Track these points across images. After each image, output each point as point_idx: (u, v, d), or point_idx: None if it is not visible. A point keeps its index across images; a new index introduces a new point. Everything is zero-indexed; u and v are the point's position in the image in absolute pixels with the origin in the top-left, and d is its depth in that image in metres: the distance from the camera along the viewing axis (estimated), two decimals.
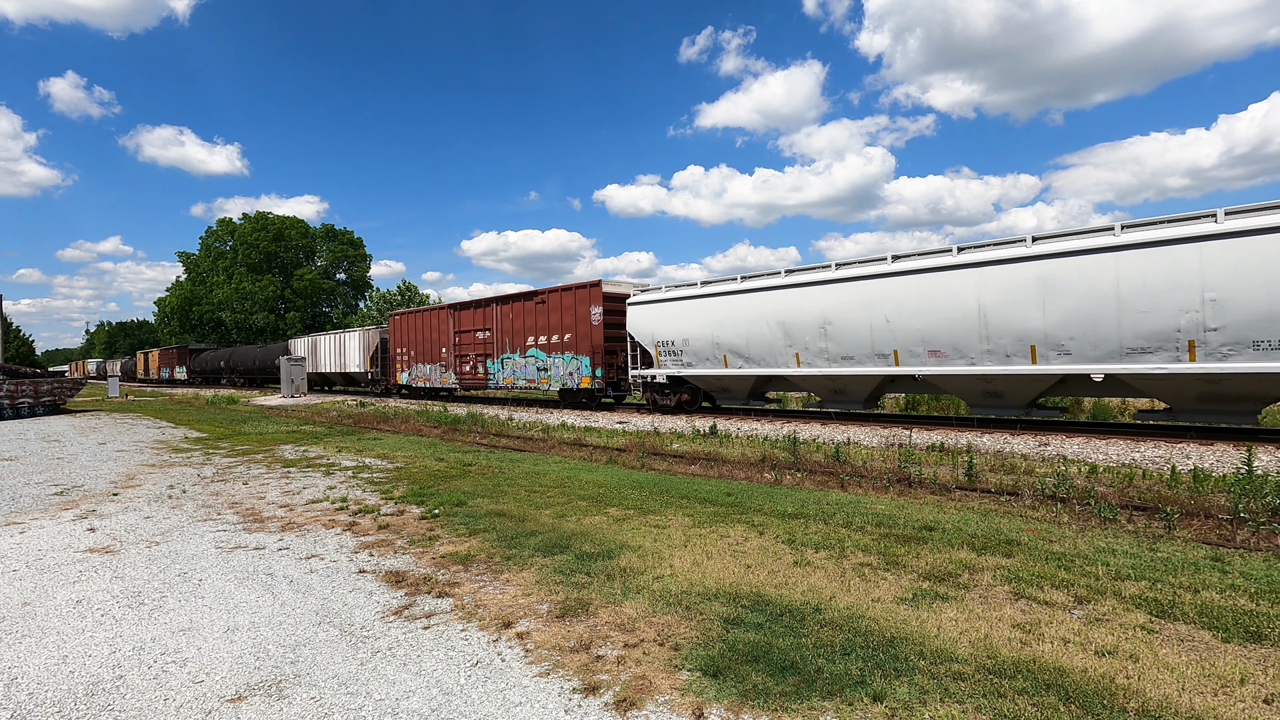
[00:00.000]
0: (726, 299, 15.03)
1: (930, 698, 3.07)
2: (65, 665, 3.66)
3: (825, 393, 14.05)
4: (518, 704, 3.13)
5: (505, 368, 21.91)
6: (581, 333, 18.96)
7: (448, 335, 24.68)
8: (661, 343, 16.57)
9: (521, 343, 21.18)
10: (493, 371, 22.47)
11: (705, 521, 6.37)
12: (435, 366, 25.44)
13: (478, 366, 23.21)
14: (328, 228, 69.43)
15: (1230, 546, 5.34)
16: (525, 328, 21.00)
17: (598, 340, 18.57)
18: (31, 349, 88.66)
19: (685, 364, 16.14)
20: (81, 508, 7.70)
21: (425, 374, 26.12)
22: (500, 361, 22.08)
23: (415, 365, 26.69)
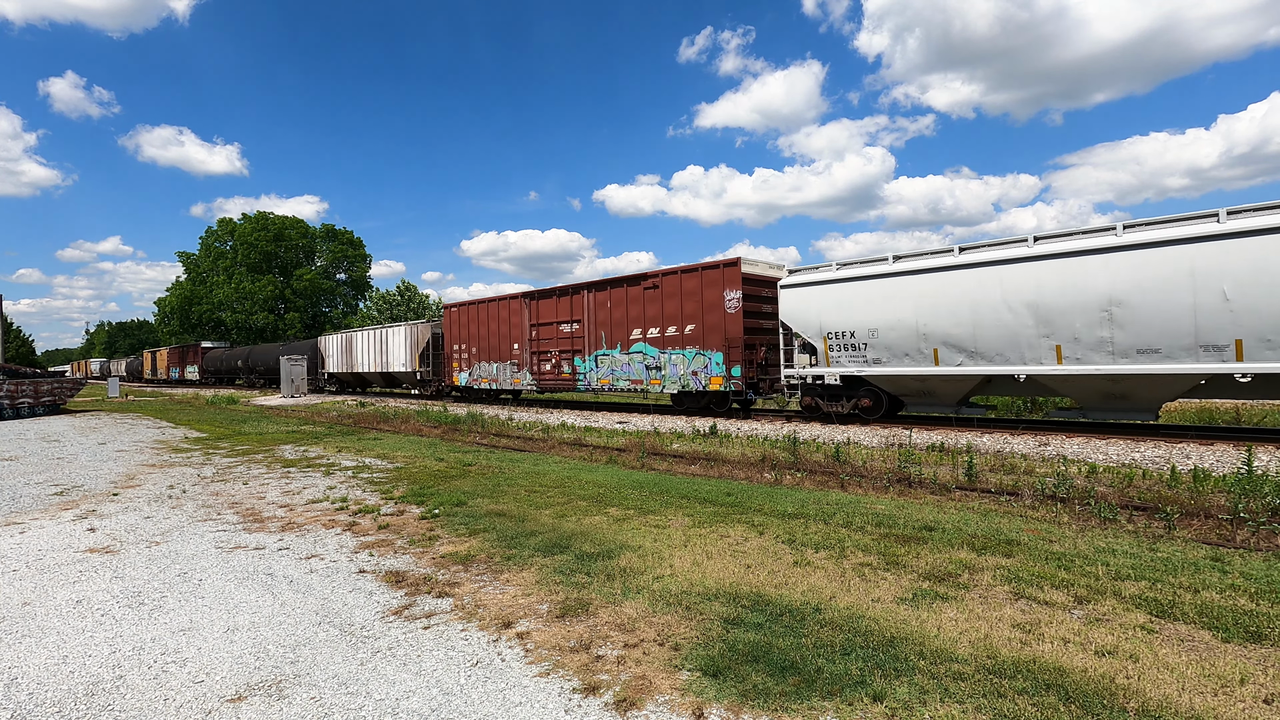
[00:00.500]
0: (938, 276, 11.91)
1: (930, 698, 3.07)
2: (65, 665, 3.66)
3: (1096, 398, 10.92)
4: (518, 704, 3.13)
5: (601, 366, 18.61)
6: (711, 323, 15.84)
7: (521, 329, 21.44)
8: (835, 334, 13.34)
9: (623, 336, 17.93)
10: (582, 371, 19.16)
11: (705, 521, 6.37)
12: (504, 365, 22.28)
13: (561, 365, 19.95)
14: (328, 228, 69.43)
15: (1230, 546, 5.34)
16: (629, 318, 17.80)
17: (734, 331, 15.37)
18: (31, 349, 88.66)
19: (870, 360, 12.97)
20: (81, 508, 7.70)
21: (490, 374, 22.96)
22: (593, 359, 18.85)
23: (477, 364, 23.55)
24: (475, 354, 23.73)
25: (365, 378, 31.42)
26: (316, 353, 34.94)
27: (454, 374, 24.72)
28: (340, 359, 32.38)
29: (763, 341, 15.78)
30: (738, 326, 15.42)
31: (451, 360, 24.98)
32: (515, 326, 21.85)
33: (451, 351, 24.98)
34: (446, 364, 25.34)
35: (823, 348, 13.72)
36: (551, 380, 20.45)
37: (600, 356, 18.78)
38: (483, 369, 23.30)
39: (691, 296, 16.38)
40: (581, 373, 19.32)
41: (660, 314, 17.11)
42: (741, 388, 15.35)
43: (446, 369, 25.34)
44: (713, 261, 15.97)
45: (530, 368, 21.16)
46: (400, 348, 27.79)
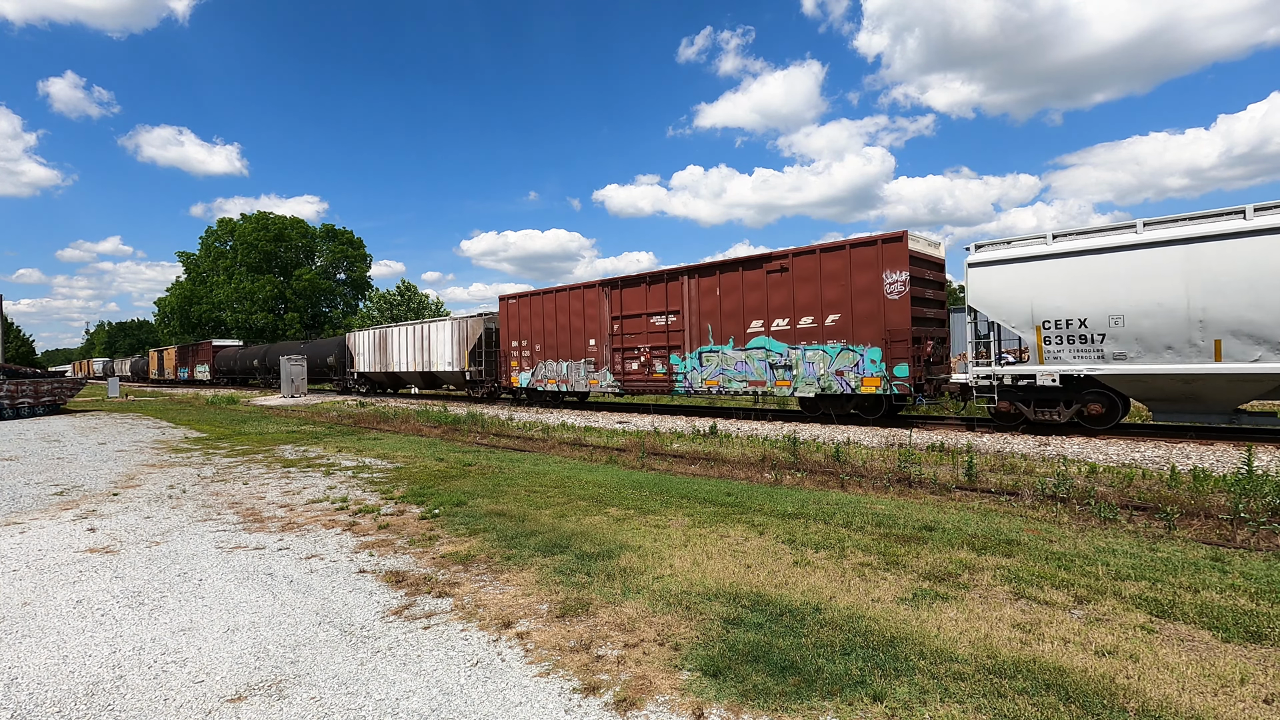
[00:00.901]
0: (1224, 246, 9.33)
1: (930, 698, 3.07)
2: (65, 665, 3.66)
3: None
4: (518, 704, 3.13)
5: (706, 365, 15.91)
6: (864, 311, 13.16)
7: (600, 322, 18.67)
8: (1054, 323, 10.83)
9: (737, 329, 15.32)
10: (681, 370, 16.47)
11: (705, 521, 6.37)
12: (577, 364, 19.40)
13: (653, 363, 17.20)
14: (328, 228, 69.47)
15: (1230, 546, 5.34)
16: (745, 308, 15.16)
17: (898, 321, 12.64)
18: (31, 349, 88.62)
19: (1109, 355, 10.40)
20: (81, 508, 7.70)
21: (558, 374, 20.09)
22: (695, 357, 16.14)
23: (543, 363, 20.66)
24: (539, 351, 20.77)
25: (402, 378, 28.72)
26: (344, 351, 32.51)
27: (512, 374, 21.85)
28: (373, 357, 29.77)
29: (927, 334, 12.98)
30: (903, 316, 12.62)
31: (509, 359, 22.02)
32: (592, 320, 18.90)
33: (509, 349, 22.00)
34: (503, 363, 22.38)
35: (1034, 340, 11.05)
36: (639, 381, 17.63)
37: (706, 354, 15.95)
38: (549, 368, 20.43)
39: (835, 280, 13.66)
40: (680, 372, 16.52)
41: (790, 302, 14.32)
42: (907, 390, 12.60)
43: (503, 368, 22.42)
44: (866, 238, 13.25)
45: (611, 366, 18.23)
46: (446, 345, 24.90)
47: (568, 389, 19.95)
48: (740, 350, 15.34)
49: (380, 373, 29.34)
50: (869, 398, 13.75)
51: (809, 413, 15.02)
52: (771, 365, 14.78)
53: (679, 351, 16.71)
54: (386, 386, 30.96)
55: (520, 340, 21.66)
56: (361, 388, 31.66)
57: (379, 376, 29.96)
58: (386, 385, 30.68)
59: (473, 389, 24.39)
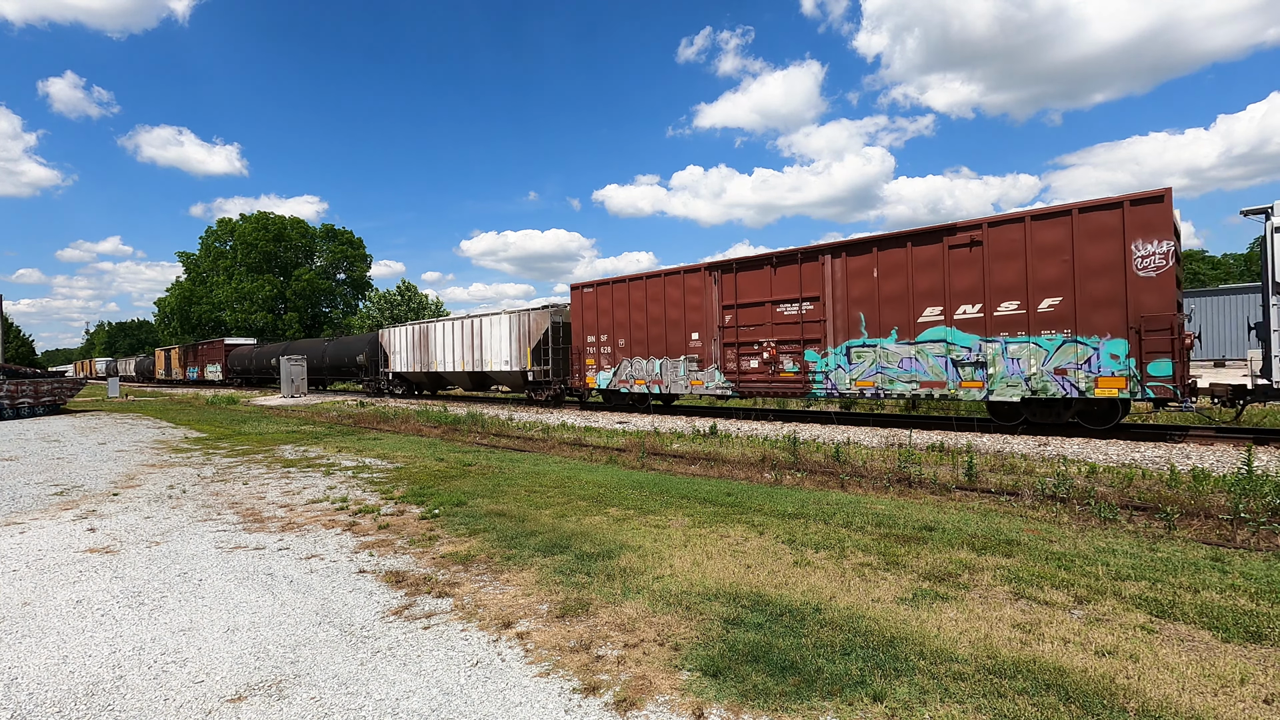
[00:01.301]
0: None
1: (930, 698, 3.07)
2: (65, 665, 3.66)
3: None
4: (518, 704, 3.13)
5: (858, 362, 13.26)
6: (1100, 293, 10.57)
7: (705, 312, 16.06)
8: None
9: (903, 318, 12.61)
10: (820, 369, 13.85)
11: (705, 521, 6.37)
12: (676, 362, 16.72)
13: (780, 360, 14.57)
14: (327, 228, 69.52)
15: (1230, 546, 5.34)
16: (916, 292, 12.46)
17: (1157, 305, 10.16)
18: (31, 349, 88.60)
19: None
20: (81, 508, 7.70)
21: (649, 373, 17.42)
22: (841, 352, 13.51)
23: (627, 360, 18.00)
24: (623, 347, 18.10)
25: (445, 378, 26.15)
26: (376, 349, 29.92)
27: (587, 373, 19.16)
28: (411, 356, 27.11)
29: (1162, 322, 10.22)
30: (1163, 297, 10.13)
31: (583, 356, 19.28)
32: (695, 310, 16.32)
33: (583, 346, 19.29)
34: (576, 361, 19.55)
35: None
36: (761, 381, 14.98)
37: (857, 349, 13.28)
38: (636, 367, 17.73)
39: (1052, 255, 11.00)
40: (819, 371, 13.89)
41: (981, 284, 11.65)
42: (1170, 393, 10.09)
43: (576, 367, 19.58)
44: (1103, 200, 10.60)
45: (722, 364, 15.67)
46: (503, 341, 22.06)
47: (663, 390, 17.17)
48: (908, 344, 12.57)
49: (420, 372, 26.71)
50: (1101, 402, 11.11)
51: (1001, 421, 12.21)
52: (955, 362, 11.97)
53: (817, 346, 13.91)
54: (426, 388, 28.26)
55: (598, 335, 18.80)
56: (397, 389, 29.12)
57: (418, 377, 27.30)
58: (426, 386, 28.06)
59: (535, 391, 21.59)
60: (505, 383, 23.17)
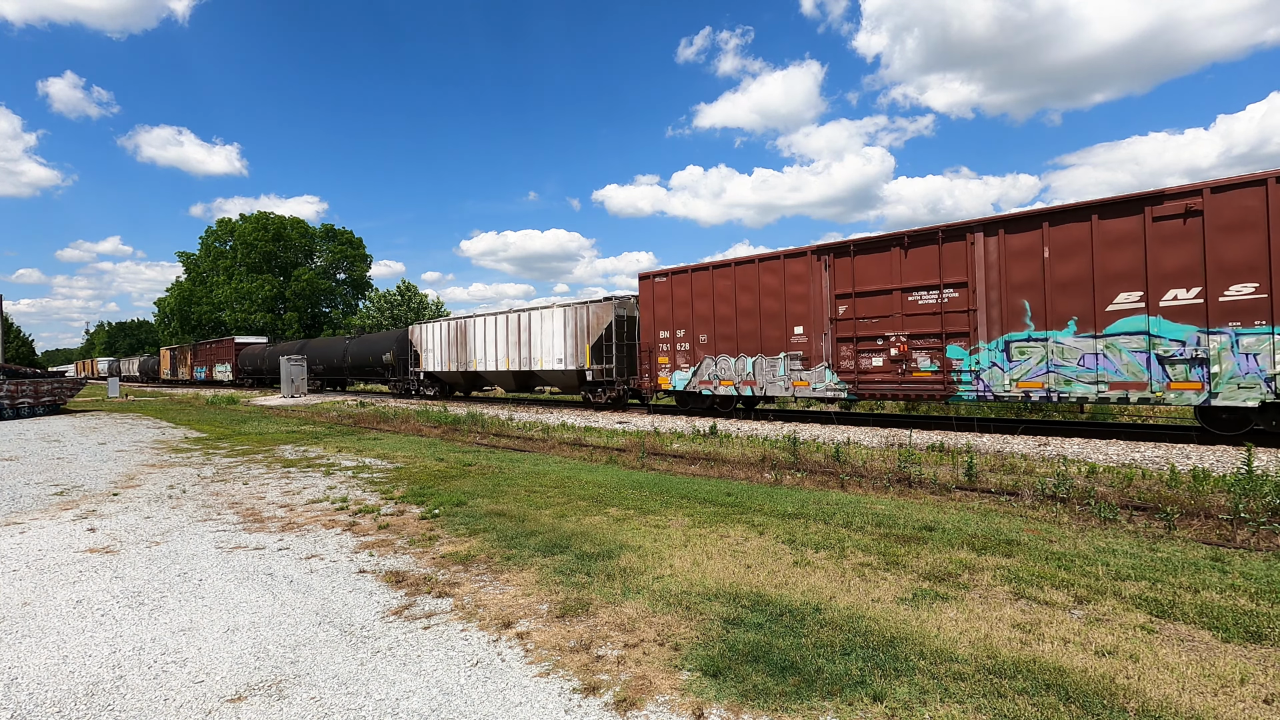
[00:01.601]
0: None
1: (930, 698, 3.07)
2: (65, 665, 3.66)
3: None
4: (518, 704, 3.13)
5: (1022, 359, 11.20)
6: None
7: (811, 302, 14.02)
8: None
9: (1085, 307, 10.65)
10: (968, 366, 11.78)
11: (705, 521, 6.37)
12: (774, 360, 14.64)
13: (913, 357, 12.52)
14: (327, 228, 69.51)
15: (1230, 546, 5.34)
16: (1103, 275, 10.49)
17: None
18: (31, 349, 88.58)
19: None
20: (81, 508, 7.70)
21: (738, 372, 15.34)
22: (998, 348, 11.45)
23: (710, 359, 15.92)
24: (705, 343, 16.03)
25: (486, 378, 24.01)
26: (405, 347, 27.93)
27: (660, 372, 17.05)
28: (445, 353, 24.99)
29: None
30: None
31: (655, 354, 17.15)
32: (799, 299, 14.29)
33: (655, 342, 17.17)
34: (646, 359, 17.39)
35: None
36: (888, 382, 12.90)
37: (1018, 343, 11.23)
38: (722, 366, 15.69)
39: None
40: (965, 370, 11.82)
41: (1199, 263, 9.74)
42: None
43: (645, 366, 17.41)
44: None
45: (834, 362, 13.70)
46: (555, 338, 19.97)
47: (754, 392, 15.02)
48: (1091, 337, 10.59)
49: (456, 372, 24.66)
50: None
51: (1220, 431, 10.26)
52: (1161, 359, 10.00)
53: (962, 341, 11.89)
54: (461, 389, 26.29)
55: (673, 330, 16.70)
56: (429, 389, 26.97)
57: (453, 377, 25.29)
58: (462, 388, 26.00)
59: (593, 392, 19.49)
60: (556, 384, 21.02)
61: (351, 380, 33.39)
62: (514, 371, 21.75)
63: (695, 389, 16.35)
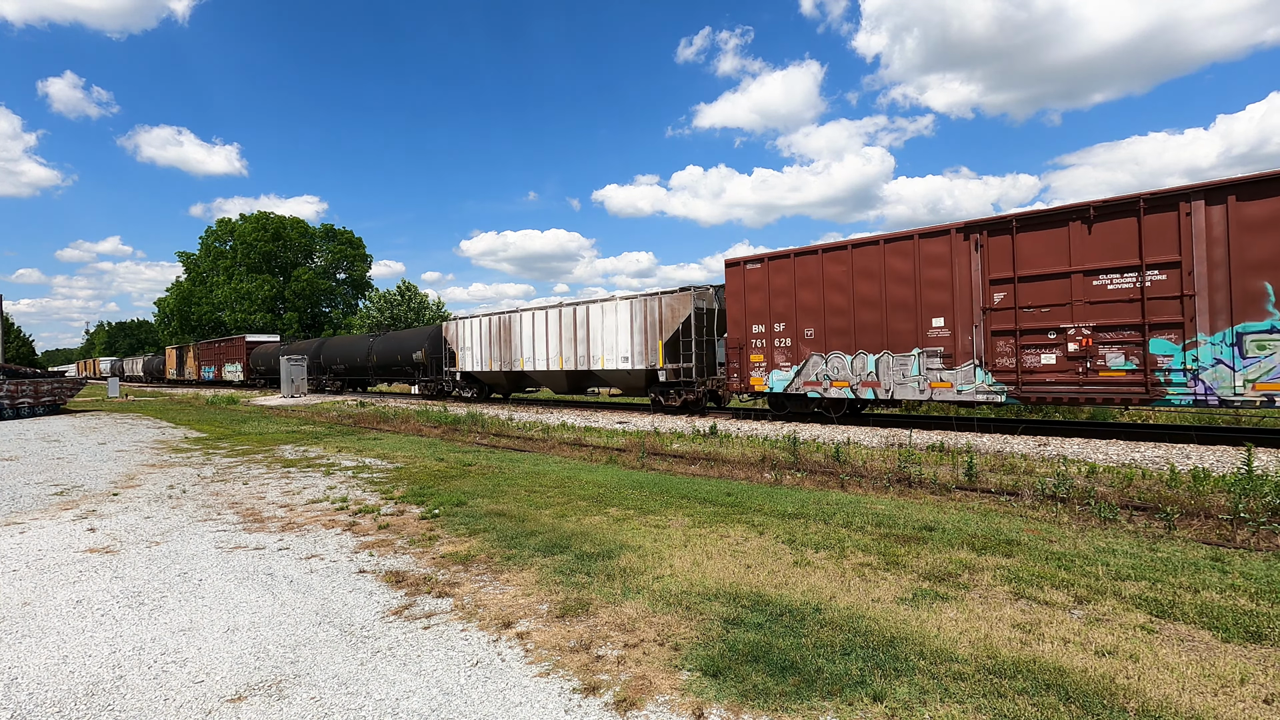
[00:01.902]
0: None
1: (930, 698, 3.07)
2: (65, 665, 3.66)
3: None
4: (518, 704, 3.13)
5: (1260, 355, 9.27)
6: None
7: (959, 289, 11.95)
8: None
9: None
10: (1183, 364, 9.77)
11: (705, 521, 6.37)
12: (905, 358, 12.56)
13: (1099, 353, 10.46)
14: (327, 228, 69.51)
15: (1230, 546, 5.34)
16: None
17: None
18: (31, 349, 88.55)
19: None
20: (81, 508, 7.70)
21: (862, 371, 13.17)
22: (1225, 341, 9.51)
23: (817, 355, 13.82)
24: (811, 338, 13.93)
25: (533, 379, 21.97)
26: (439, 344, 25.75)
27: (752, 372, 14.99)
28: (486, 351, 22.79)
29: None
30: None
31: (748, 350, 15.02)
32: (937, 286, 12.22)
33: (746, 336, 15.02)
34: (735, 357, 15.27)
35: None
36: (1065, 382, 10.85)
37: (1255, 336, 9.30)
38: (833, 364, 13.57)
39: None
40: (1178, 369, 9.84)
41: None
42: None
43: (734, 365, 15.30)
44: None
45: (986, 360, 11.62)
46: (621, 333, 17.91)
47: (878, 394, 12.97)
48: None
49: (498, 372, 22.38)
50: None
51: None
52: None
53: (1172, 334, 9.92)
54: (503, 390, 23.83)
55: (770, 323, 14.68)
56: (465, 391, 24.68)
57: (494, 377, 22.95)
58: (504, 389, 23.61)
59: (665, 394, 17.36)
60: (619, 384, 18.95)
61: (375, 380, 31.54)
62: (568, 371, 19.71)
63: (798, 391, 14.20)
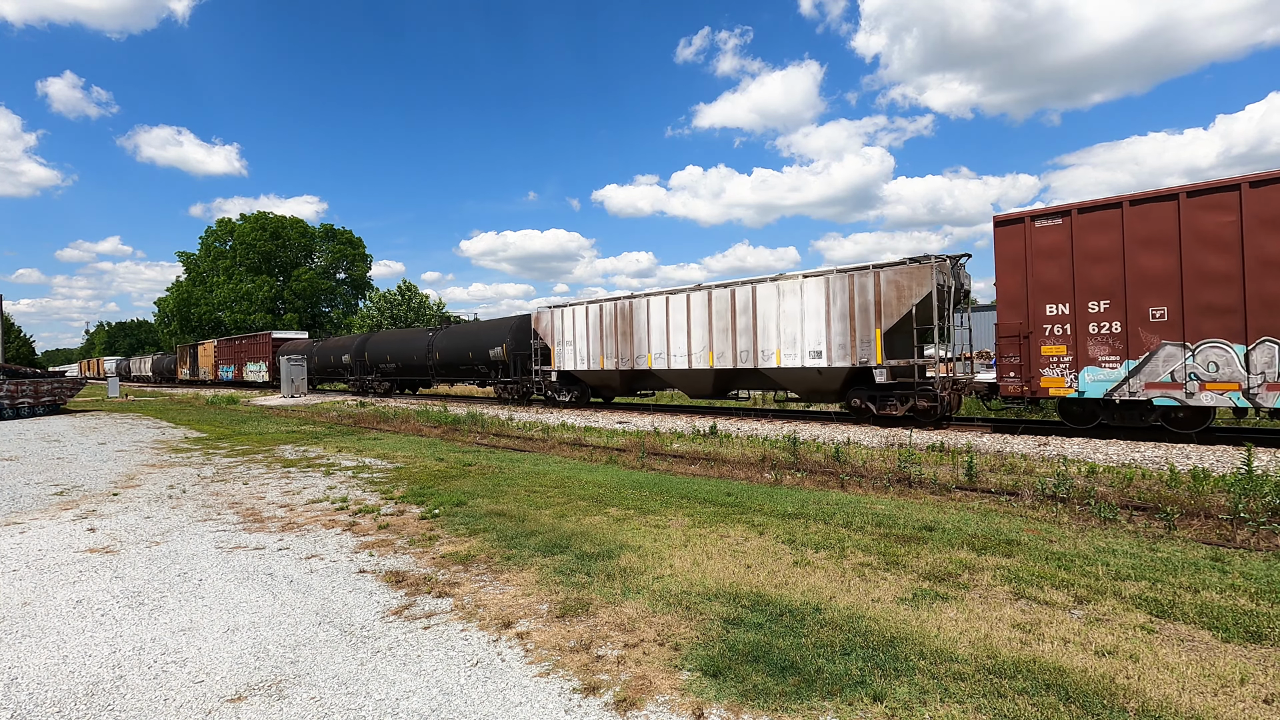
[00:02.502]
0: None
1: (930, 698, 3.07)
2: (65, 665, 3.66)
3: None
4: (518, 704, 3.13)
5: None
6: None
7: None
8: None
9: None
10: None
11: (705, 521, 6.37)
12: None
13: None
14: (327, 228, 69.48)
15: (1230, 546, 5.34)
16: None
17: None
18: (31, 349, 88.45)
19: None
20: (81, 508, 7.70)
21: (1265, 369, 9.15)
22: None
23: (1179, 346, 9.78)
24: (1158, 322, 10.03)
25: (663, 379, 17.55)
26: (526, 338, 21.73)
27: (1045, 370, 11.02)
28: (595, 346, 18.68)
29: None
30: None
31: (1039, 340, 11.09)
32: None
33: (1039, 320, 11.11)
34: (1017, 350, 11.26)
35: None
36: None
37: None
38: (1204, 358, 9.65)
39: None
40: None
41: None
42: None
43: (1018, 361, 11.26)
44: None
45: None
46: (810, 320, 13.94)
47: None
48: None
49: (612, 371, 18.25)
50: None
51: None
52: None
53: None
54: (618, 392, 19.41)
55: (1079, 302, 10.71)
56: (563, 394, 20.36)
57: (604, 377, 18.79)
58: (619, 390, 19.14)
59: (882, 400, 13.41)
60: (800, 388, 14.63)
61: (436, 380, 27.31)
62: (718, 370, 15.71)
63: (1135, 395, 10.23)
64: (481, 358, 23.55)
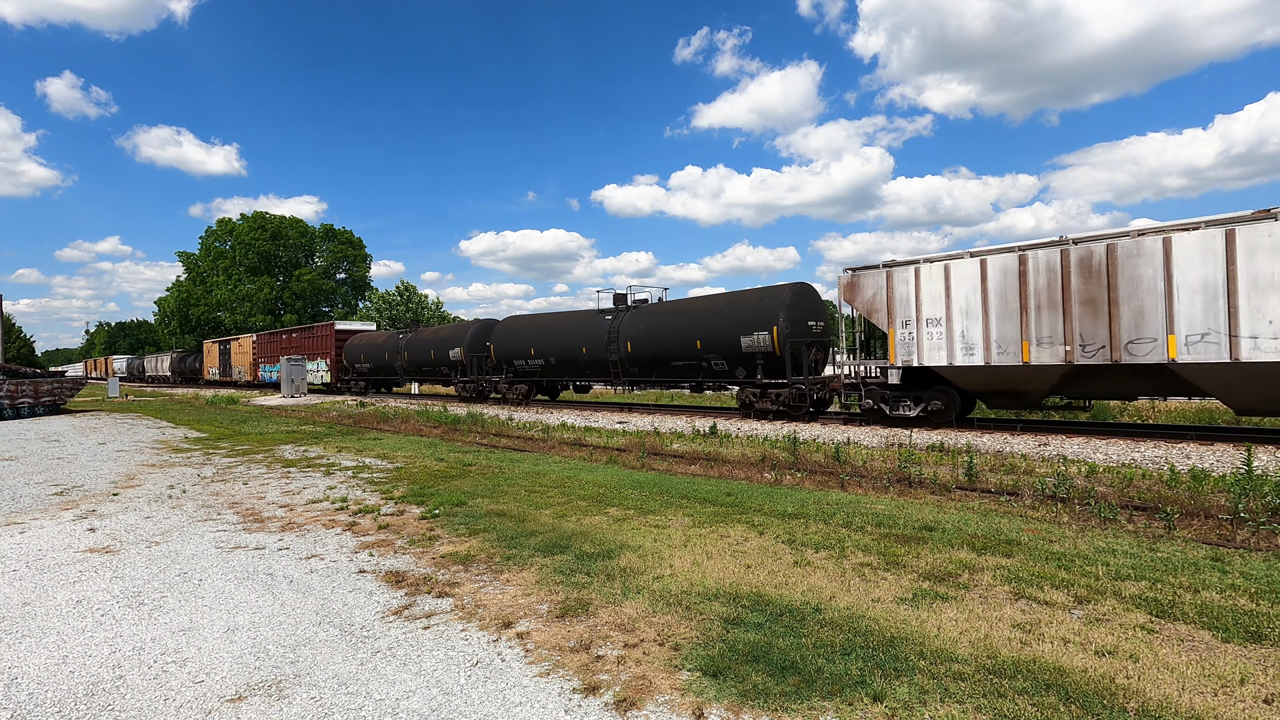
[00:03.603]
0: None
1: (930, 698, 3.06)
2: (65, 665, 3.66)
3: None
4: (518, 704, 3.13)
5: None
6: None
7: None
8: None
9: None
10: None
11: (705, 521, 6.37)
12: None
13: None
14: (327, 228, 69.44)
15: (1230, 546, 5.34)
16: None
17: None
18: (31, 349, 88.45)
19: None
20: (81, 508, 7.70)
21: None
22: None
23: None
24: None
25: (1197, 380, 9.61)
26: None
27: None
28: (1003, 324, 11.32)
29: None
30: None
31: None
32: None
33: None
34: None
35: None
36: None
37: None
38: None
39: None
40: None
41: None
42: None
43: None
44: None
45: None
46: None
47: None
48: None
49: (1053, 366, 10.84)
50: None
51: None
52: None
53: None
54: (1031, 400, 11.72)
55: None
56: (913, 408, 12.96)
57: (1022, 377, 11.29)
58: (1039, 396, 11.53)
59: None
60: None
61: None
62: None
63: None
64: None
